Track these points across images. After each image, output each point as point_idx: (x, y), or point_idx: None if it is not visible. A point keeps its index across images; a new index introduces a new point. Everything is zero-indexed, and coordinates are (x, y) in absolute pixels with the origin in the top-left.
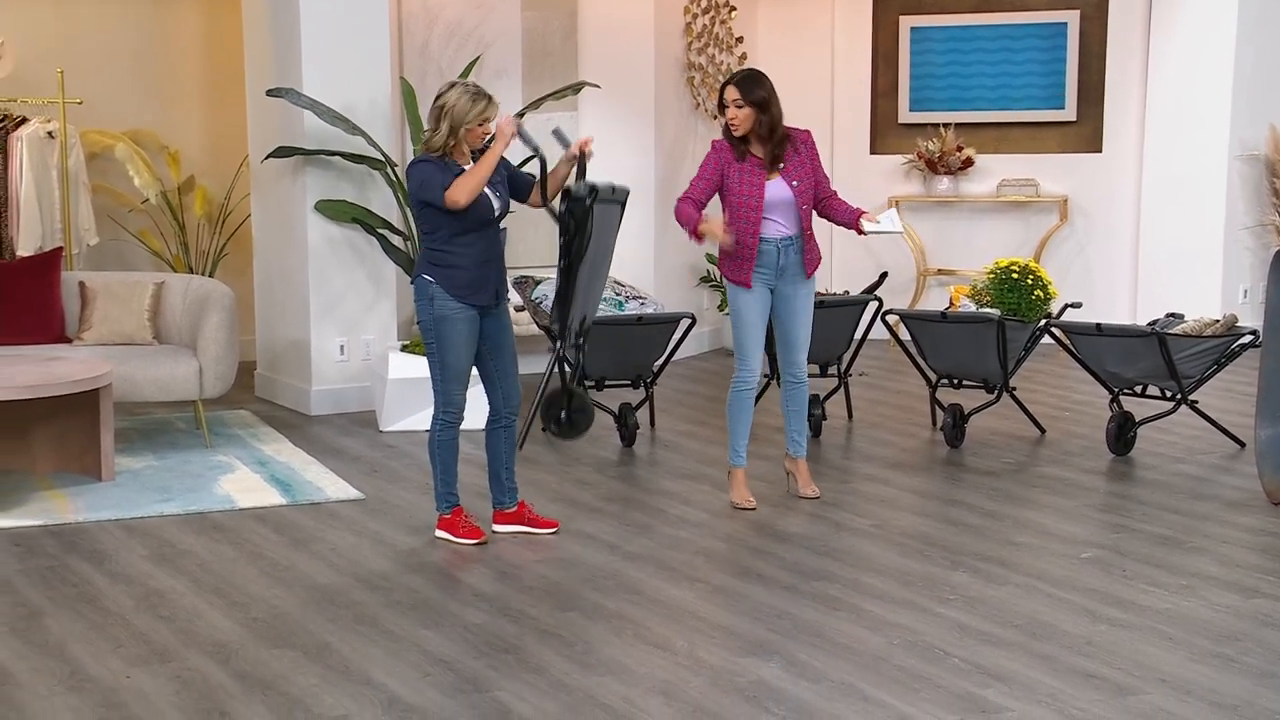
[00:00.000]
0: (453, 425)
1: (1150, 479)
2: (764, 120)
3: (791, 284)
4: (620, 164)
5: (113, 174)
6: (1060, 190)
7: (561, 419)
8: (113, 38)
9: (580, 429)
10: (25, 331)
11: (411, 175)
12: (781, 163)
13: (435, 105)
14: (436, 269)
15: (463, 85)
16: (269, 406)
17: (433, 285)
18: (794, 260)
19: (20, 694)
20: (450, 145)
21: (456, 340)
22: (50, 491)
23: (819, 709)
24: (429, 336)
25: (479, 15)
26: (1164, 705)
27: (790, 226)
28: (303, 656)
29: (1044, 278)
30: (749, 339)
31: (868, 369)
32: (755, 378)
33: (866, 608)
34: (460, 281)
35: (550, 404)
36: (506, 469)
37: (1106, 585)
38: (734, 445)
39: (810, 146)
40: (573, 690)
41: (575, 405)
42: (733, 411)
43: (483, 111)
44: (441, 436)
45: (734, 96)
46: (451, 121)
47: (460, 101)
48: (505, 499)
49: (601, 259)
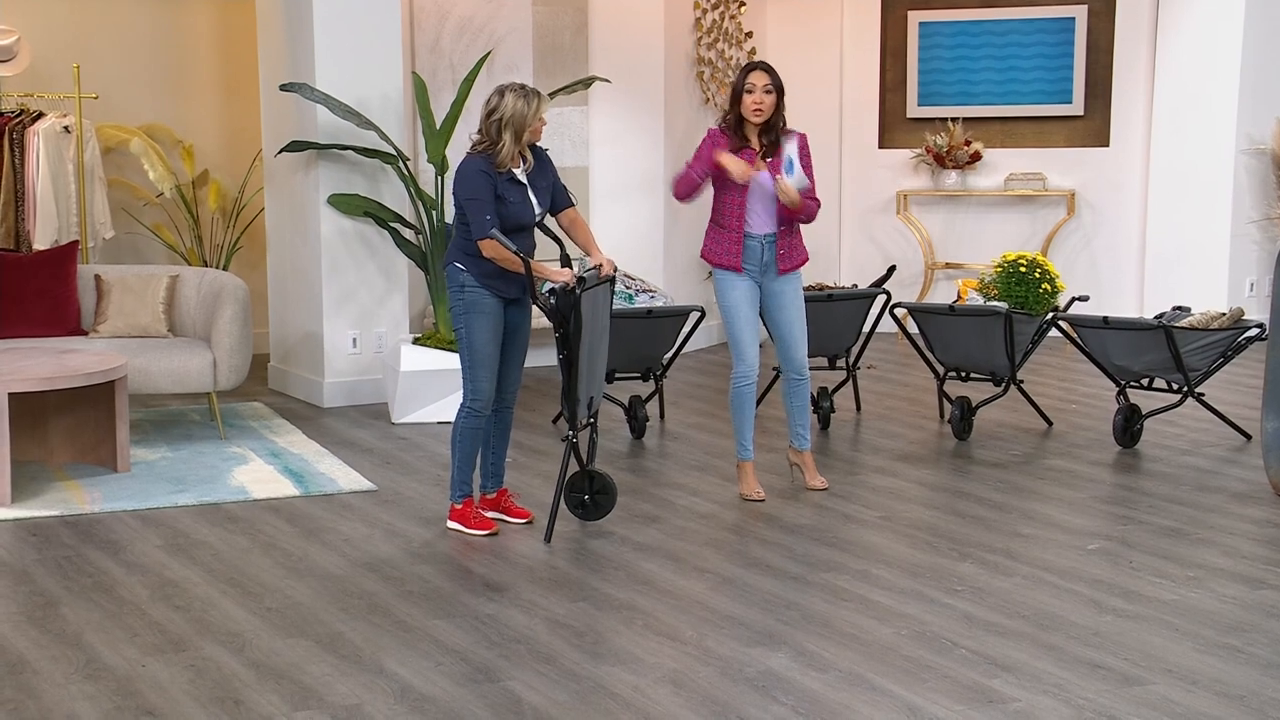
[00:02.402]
0: (479, 414)
1: (1157, 471)
2: (781, 107)
3: (777, 280)
4: (630, 158)
5: (128, 168)
6: (1067, 184)
7: (585, 502)
8: (128, 33)
9: (605, 510)
10: (41, 324)
11: (464, 179)
12: (772, 155)
13: (491, 119)
14: (469, 258)
15: (511, 89)
16: (282, 399)
17: (464, 273)
18: (775, 256)
19: (37, 682)
20: (515, 153)
21: (485, 327)
22: (66, 482)
23: (827, 699)
24: (459, 324)
25: (490, 10)
26: (1170, 695)
27: (769, 224)
28: (316, 646)
29: (1051, 271)
30: (743, 332)
31: (876, 362)
32: (754, 371)
33: (874, 598)
34: (490, 271)
35: (573, 488)
36: (498, 452)
37: (1113, 576)
38: (740, 440)
39: (803, 147)
40: (583, 680)
41: (597, 487)
42: (735, 406)
43: (539, 107)
44: (466, 424)
45: (764, 81)
46: (515, 127)
47: (518, 106)
48: (487, 483)
49: (599, 339)
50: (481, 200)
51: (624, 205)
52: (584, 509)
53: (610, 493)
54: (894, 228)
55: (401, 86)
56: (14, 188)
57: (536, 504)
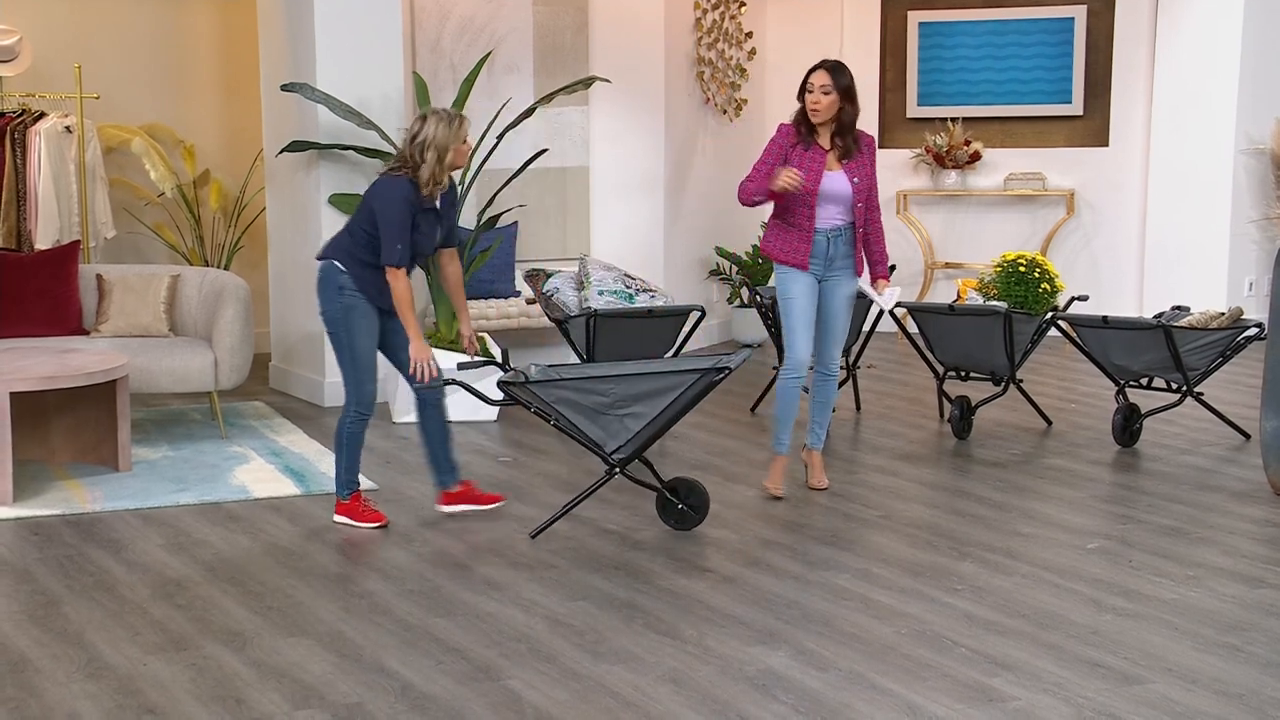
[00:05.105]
0: (365, 419)
1: (1156, 470)
2: (848, 109)
3: (837, 276)
4: (630, 157)
5: (129, 168)
6: (1067, 184)
7: (682, 510)
8: (129, 33)
9: (704, 512)
10: (43, 323)
11: (387, 201)
12: (849, 157)
13: (414, 144)
14: (353, 265)
15: (434, 113)
16: (283, 398)
17: (343, 275)
18: (842, 251)
19: (39, 680)
20: (436, 176)
21: (365, 330)
22: (68, 481)
23: (827, 698)
24: (337, 327)
25: (490, 10)
26: (1170, 694)
27: (842, 218)
28: (317, 645)
29: (1051, 271)
30: (798, 324)
31: (876, 361)
32: (803, 368)
33: (874, 597)
34: (370, 283)
35: (664, 507)
36: (444, 449)
37: (1113, 575)
38: (777, 434)
39: (872, 150)
40: (583, 678)
41: (686, 495)
42: (780, 400)
43: (460, 129)
44: (352, 429)
45: (823, 81)
46: (438, 149)
47: (439, 129)
48: (448, 479)
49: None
50: (398, 227)
51: (624, 205)
52: (681, 518)
53: (699, 492)
54: (894, 227)
55: (402, 86)
56: (15, 187)
57: (539, 504)
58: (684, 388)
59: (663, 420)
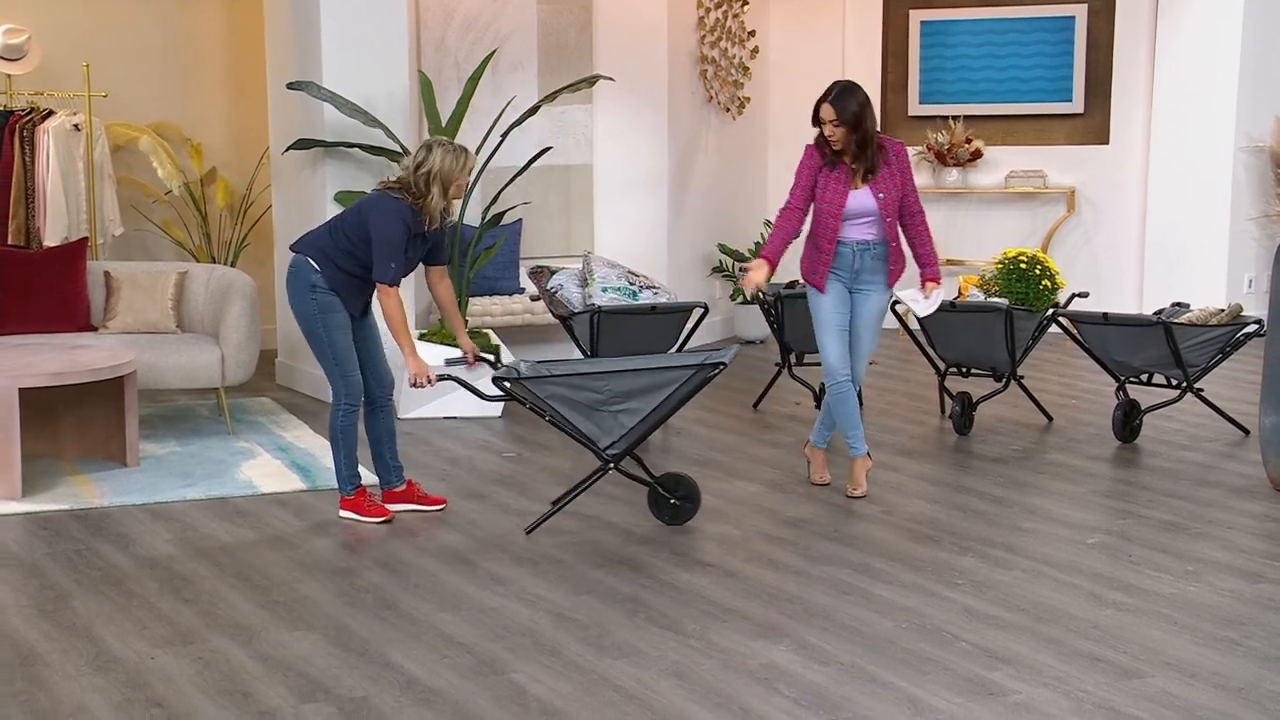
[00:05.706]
0: (355, 409)
1: (1156, 466)
2: (854, 138)
3: (865, 290)
4: (634, 155)
5: (137, 166)
6: (1068, 181)
7: (674, 504)
8: (137, 32)
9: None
10: (52, 320)
11: (384, 220)
12: (873, 174)
13: (419, 173)
14: (327, 265)
15: (439, 144)
16: (289, 394)
17: (316, 274)
18: (869, 265)
19: (48, 674)
20: (441, 208)
21: (340, 325)
22: (76, 477)
23: (829, 691)
24: (314, 324)
25: (495, 9)
26: (1169, 688)
27: (871, 233)
28: (323, 639)
29: (1051, 268)
30: (828, 338)
31: (877, 357)
32: (840, 372)
33: (876, 592)
34: (343, 285)
35: (657, 503)
36: (390, 449)
37: (1112, 570)
38: (848, 438)
39: (902, 159)
40: (586, 672)
41: (674, 488)
42: (837, 409)
43: (465, 163)
44: (344, 422)
45: (830, 116)
46: (443, 181)
47: (446, 160)
48: (393, 478)
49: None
50: (395, 247)
51: (628, 202)
52: (674, 513)
53: (688, 484)
54: None
55: (407, 84)
56: (24, 185)
57: (541, 499)
58: (678, 384)
59: (657, 416)
